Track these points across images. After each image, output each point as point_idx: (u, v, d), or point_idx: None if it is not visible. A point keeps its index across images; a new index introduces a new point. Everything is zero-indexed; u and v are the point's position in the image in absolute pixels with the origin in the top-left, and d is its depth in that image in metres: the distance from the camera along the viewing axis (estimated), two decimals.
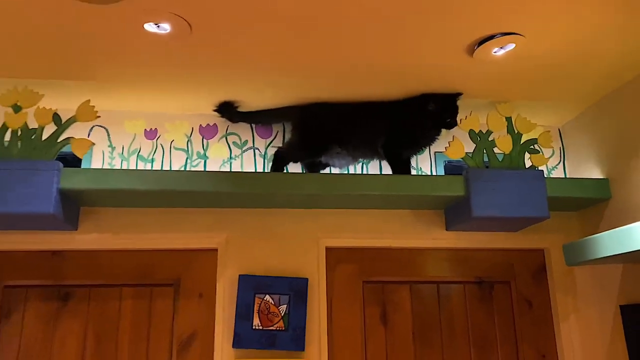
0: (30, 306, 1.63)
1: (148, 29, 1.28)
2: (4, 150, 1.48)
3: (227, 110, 1.72)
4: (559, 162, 1.94)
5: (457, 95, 1.67)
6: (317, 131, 1.71)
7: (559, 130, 1.98)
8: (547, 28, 1.32)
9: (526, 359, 1.77)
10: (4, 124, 1.50)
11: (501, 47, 1.40)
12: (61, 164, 1.47)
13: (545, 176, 1.89)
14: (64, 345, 1.61)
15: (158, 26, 1.27)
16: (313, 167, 1.77)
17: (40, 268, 1.65)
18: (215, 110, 1.73)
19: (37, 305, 1.64)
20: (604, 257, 1.44)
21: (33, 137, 1.50)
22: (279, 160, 1.70)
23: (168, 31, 1.29)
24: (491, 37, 1.35)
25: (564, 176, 1.92)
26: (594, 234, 1.52)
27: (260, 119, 1.78)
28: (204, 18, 1.24)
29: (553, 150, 1.95)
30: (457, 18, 1.26)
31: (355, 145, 1.74)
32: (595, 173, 1.77)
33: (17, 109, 1.51)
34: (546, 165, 1.92)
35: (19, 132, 1.49)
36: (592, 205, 1.77)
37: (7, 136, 1.49)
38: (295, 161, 1.74)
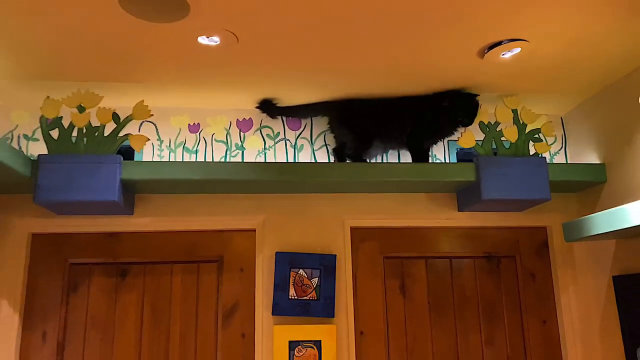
0: (93, 281, 1.87)
1: (201, 42, 1.48)
2: (72, 146, 1.70)
3: (268, 106, 1.92)
4: (561, 149, 2.13)
5: (472, 95, 1.86)
6: (362, 126, 1.90)
7: (561, 119, 2.16)
8: (548, 34, 1.50)
9: (529, 324, 1.99)
10: (70, 123, 1.71)
11: (508, 51, 1.58)
12: (121, 157, 1.69)
13: (548, 162, 2.09)
14: (125, 314, 1.85)
15: (209, 39, 1.47)
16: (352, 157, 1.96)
17: (101, 248, 1.89)
18: (257, 107, 1.94)
19: (99, 280, 1.87)
20: (599, 234, 1.65)
21: (96, 134, 1.71)
22: (339, 156, 1.92)
23: (218, 43, 1.48)
24: (499, 43, 1.54)
25: (565, 161, 2.11)
26: (590, 214, 1.72)
27: (299, 113, 1.98)
28: (249, 30, 1.43)
29: (555, 138, 2.14)
30: (469, 27, 1.44)
31: (389, 137, 1.94)
32: (593, 158, 1.96)
33: (81, 109, 1.72)
34: (549, 151, 2.11)
35: (84, 130, 1.71)
36: (590, 187, 1.97)
37: (74, 133, 1.71)
38: (352, 156, 1.92)
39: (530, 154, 1.89)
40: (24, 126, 1.92)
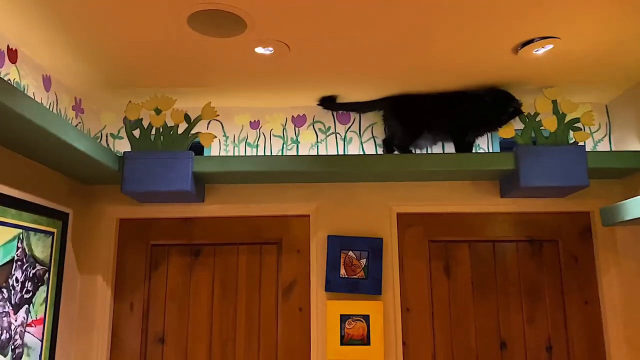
0: (171, 260, 2.16)
1: (257, 52, 1.69)
2: (151, 144, 1.97)
3: (329, 102, 2.12)
4: (605, 136, 2.18)
5: (510, 96, 1.96)
6: (413, 119, 2.06)
7: (606, 106, 2.21)
8: (578, 31, 1.58)
9: (571, 305, 2.08)
10: (149, 124, 1.98)
11: (542, 47, 1.68)
12: (193, 153, 1.94)
13: (592, 149, 2.15)
14: (198, 288, 2.13)
15: (265, 49, 1.67)
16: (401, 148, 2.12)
17: (177, 231, 2.17)
18: (318, 104, 2.14)
19: (176, 260, 2.16)
20: (635, 219, 1.72)
21: (171, 132, 1.97)
22: (388, 148, 2.09)
23: (272, 52, 1.69)
24: (531, 41, 1.64)
25: (609, 148, 2.16)
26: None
27: (357, 109, 2.16)
28: (299, 40, 1.62)
29: (600, 125, 2.19)
30: (501, 26, 1.56)
31: (435, 130, 2.08)
32: (637, 145, 2.01)
33: (158, 111, 1.99)
34: (592, 138, 2.17)
35: (161, 129, 1.97)
36: (633, 173, 2.02)
37: (153, 132, 1.98)
38: (400, 146, 2.08)
39: (570, 142, 1.97)
40: (110, 126, 2.22)
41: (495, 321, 2.09)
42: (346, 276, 2.04)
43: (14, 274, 1.61)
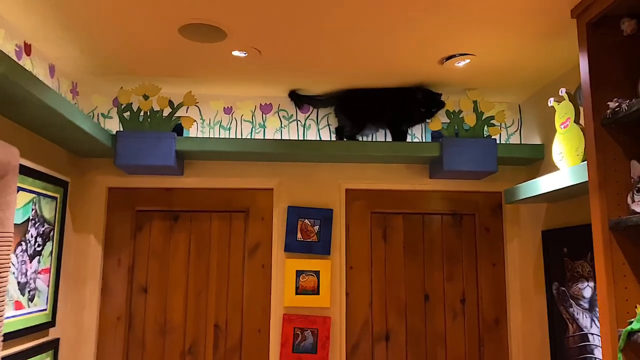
0: (153, 224, 2.54)
1: (234, 54, 2.06)
2: (139, 124, 2.32)
3: (295, 96, 2.51)
4: (516, 130, 2.67)
5: (438, 94, 2.40)
6: (358, 114, 2.47)
7: (519, 106, 2.69)
8: (489, 50, 2.03)
9: (482, 266, 2.59)
10: (138, 107, 2.33)
11: (462, 61, 2.12)
12: (176, 134, 2.31)
13: (506, 141, 2.63)
14: (176, 248, 2.52)
15: (240, 52, 2.05)
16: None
17: (159, 199, 2.54)
18: (288, 95, 2.53)
19: (157, 223, 2.54)
20: (526, 198, 2.21)
21: (157, 115, 2.33)
22: (339, 135, 2.51)
23: (246, 55, 2.07)
24: (453, 56, 2.08)
25: (519, 141, 2.66)
26: None
27: (313, 104, 2.55)
28: (268, 46, 2.01)
29: (513, 121, 2.68)
30: (430, 43, 1.99)
31: (377, 122, 2.51)
32: (538, 140, 2.50)
33: (145, 97, 2.34)
34: (507, 132, 2.65)
35: (148, 113, 2.33)
36: (534, 162, 2.52)
37: (141, 115, 2.33)
38: (349, 136, 2.50)
39: (485, 135, 2.44)
40: (101, 107, 2.55)
41: (421, 278, 2.58)
42: (302, 239, 2.47)
43: (29, 230, 1.96)
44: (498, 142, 2.52)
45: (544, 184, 2.03)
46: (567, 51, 2.03)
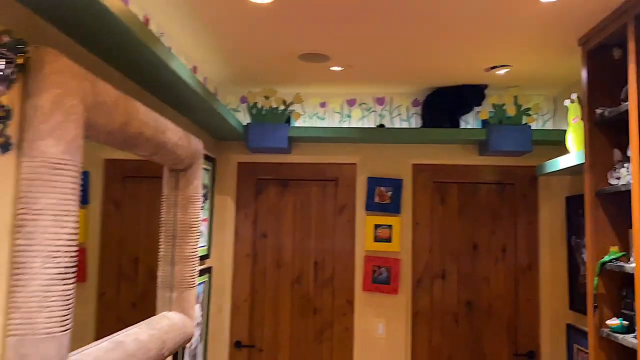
0: (269, 189, 3.47)
1: (332, 69, 2.89)
2: (262, 117, 3.22)
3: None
4: (551, 117, 3.35)
5: (483, 87, 3.13)
6: (437, 108, 3.26)
7: (553, 98, 3.35)
8: (521, 61, 2.74)
9: (520, 224, 3.33)
10: (262, 105, 3.23)
11: (502, 70, 2.84)
12: (288, 125, 3.19)
13: (541, 127, 3.32)
14: (286, 207, 3.44)
15: (337, 67, 2.87)
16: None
17: (274, 171, 3.46)
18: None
19: (272, 189, 3.47)
20: (551, 172, 2.92)
21: (275, 111, 3.22)
22: (426, 123, 3.31)
23: (342, 69, 2.89)
24: (495, 67, 2.80)
25: (552, 127, 3.33)
26: None
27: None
28: (359, 62, 2.82)
29: (548, 110, 3.35)
30: (479, 58, 2.73)
31: (442, 113, 3.28)
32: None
33: (266, 98, 3.23)
34: (542, 119, 3.33)
35: (269, 109, 3.22)
36: (561, 144, 3.20)
37: (263, 111, 3.23)
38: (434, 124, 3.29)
39: (523, 123, 3.15)
40: (232, 104, 3.48)
41: (470, 232, 3.36)
42: (379, 202, 3.32)
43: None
44: (535, 127, 3.22)
45: (562, 162, 2.74)
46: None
